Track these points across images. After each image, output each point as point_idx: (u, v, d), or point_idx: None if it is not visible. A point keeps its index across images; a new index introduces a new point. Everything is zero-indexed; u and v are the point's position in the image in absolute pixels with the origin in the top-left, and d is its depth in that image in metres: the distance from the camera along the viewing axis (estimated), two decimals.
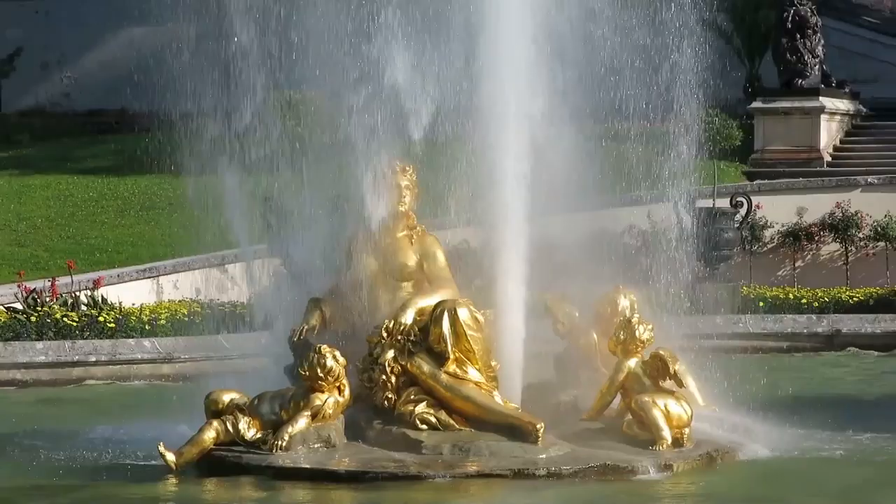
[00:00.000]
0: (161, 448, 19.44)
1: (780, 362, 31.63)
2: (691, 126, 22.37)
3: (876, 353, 33.35)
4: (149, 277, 36.51)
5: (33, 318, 31.06)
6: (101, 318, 31.43)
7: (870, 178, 43.62)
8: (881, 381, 29.42)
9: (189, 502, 18.79)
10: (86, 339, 30.88)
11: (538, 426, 19.50)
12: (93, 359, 30.31)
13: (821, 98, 47.13)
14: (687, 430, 20.20)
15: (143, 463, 20.04)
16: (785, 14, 46.94)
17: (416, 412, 19.66)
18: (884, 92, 51.31)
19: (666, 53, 22.09)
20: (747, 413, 21.84)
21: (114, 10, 57.51)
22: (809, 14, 47.40)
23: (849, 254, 41.27)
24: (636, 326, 20.37)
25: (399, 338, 19.79)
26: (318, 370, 19.40)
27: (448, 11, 20.85)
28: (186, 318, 31.87)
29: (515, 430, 19.61)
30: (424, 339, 19.72)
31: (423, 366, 19.70)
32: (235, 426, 19.65)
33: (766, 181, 43.46)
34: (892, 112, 50.56)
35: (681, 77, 22.15)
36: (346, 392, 19.66)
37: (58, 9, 58.70)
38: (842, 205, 41.45)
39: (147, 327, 31.47)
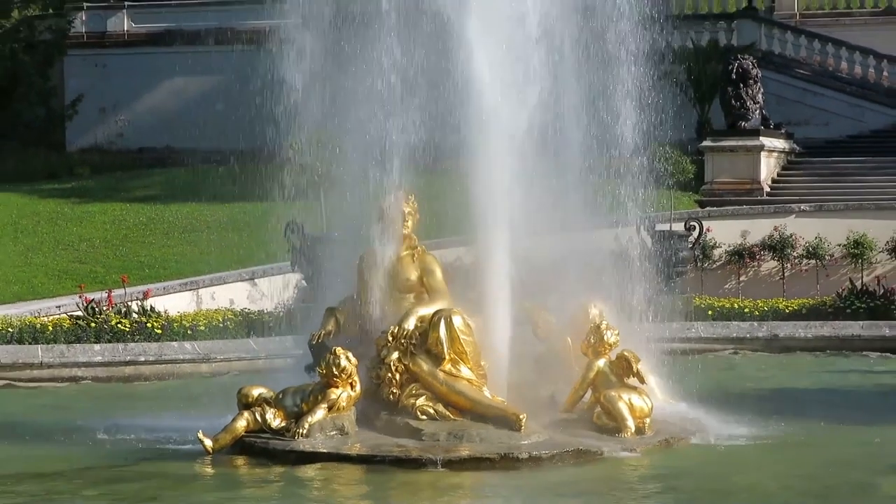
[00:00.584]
0: (200, 435, 19.57)
1: (727, 362, 31.61)
2: (652, 161, 22.32)
3: (808, 354, 33.28)
4: (190, 290, 36.42)
5: (92, 325, 30.99)
6: (149, 325, 31.38)
7: (802, 206, 43.59)
8: (812, 378, 29.38)
9: (223, 480, 18.74)
10: (136, 342, 30.84)
11: (521, 416, 19.58)
12: (142, 359, 30.26)
13: (761, 138, 47.11)
14: (648, 420, 20.38)
15: (184, 447, 19.98)
16: (730, 67, 46.97)
17: (417, 405, 19.71)
18: (813, 133, 51.32)
19: (631, 100, 22.02)
20: (698, 405, 21.86)
21: (160, 63, 57.48)
22: (751, 67, 47.39)
23: (785, 270, 41.20)
24: (604, 332, 20.48)
25: (402, 341, 19.83)
26: (334, 369, 19.46)
27: (441, 71, 20.88)
28: (221, 325, 31.81)
29: (502, 420, 19.67)
30: (424, 342, 19.76)
31: (423, 365, 19.72)
32: (263, 416, 19.73)
33: (714, 208, 43.43)
34: (821, 150, 50.59)
35: (643, 120, 22.09)
36: (358, 387, 19.67)
37: (113, 62, 58.55)
38: (779, 228, 41.42)
39: (188, 332, 31.40)
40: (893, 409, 25.40)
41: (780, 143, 48.47)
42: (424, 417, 19.66)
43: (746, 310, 36.08)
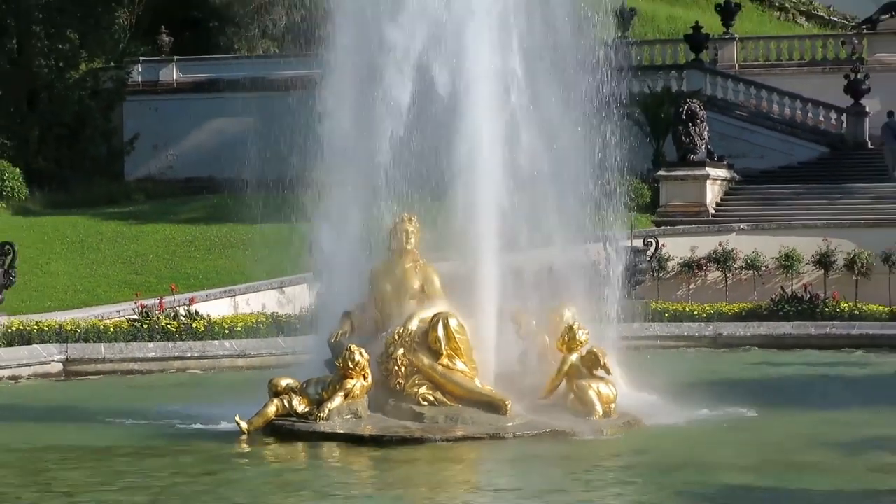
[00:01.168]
0: (237, 418, 19.70)
1: (679, 357, 31.56)
2: (616, 188, 22.31)
3: (747, 350, 33.33)
4: (228, 297, 36.45)
5: (146, 326, 31.00)
6: (194, 326, 31.39)
7: (742, 226, 43.67)
8: (751, 370, 29.40)
9: (256, 457, 18.85)
10: (183, 340, 30.83)
11: (507, 402, 19.70)
12: (188, 355, 30.29)
13: (706, 168, 47.12)
14: (613, 405, 20.44)
15: (225, 428, 19.99)
16: (681, 109, 46.97)
17: (419, 393, 19.78)
18: (751, 164, 51.33)
19: (600, 138, 22.03)
20: (656, 393, 21.84)
21: (203, 107, 57.52)
22: (698, 109, 47.39)
23: (727, 279, 41.24)
24: (576, 331, 20.50)
25: (407, 339, 19.86)
26: (349, 363, 19.54)
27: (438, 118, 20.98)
28: (255, 326, 31.81)
29: (490, 406, 19.77)
30: (425, 340, 19.79)
31: (424, 360, 19.75)
32: (290, 403, 19.80)
33: (668, 227, 43.45)
34: (757, 179, 50.63)
35: (609, 154, 22.09)
36: (369, 378, 19.74)
37: (164, 106, 58.59)
38: (722, 244, 41.47)
39: (227, 332, 31.39)
40: (821, 395, 25.31)
41: (722, 173, 48.50)
42: (425, 403, 19.74)
43: (695, 313, 36.09)
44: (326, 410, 19.54)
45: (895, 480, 16.86)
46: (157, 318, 31.66)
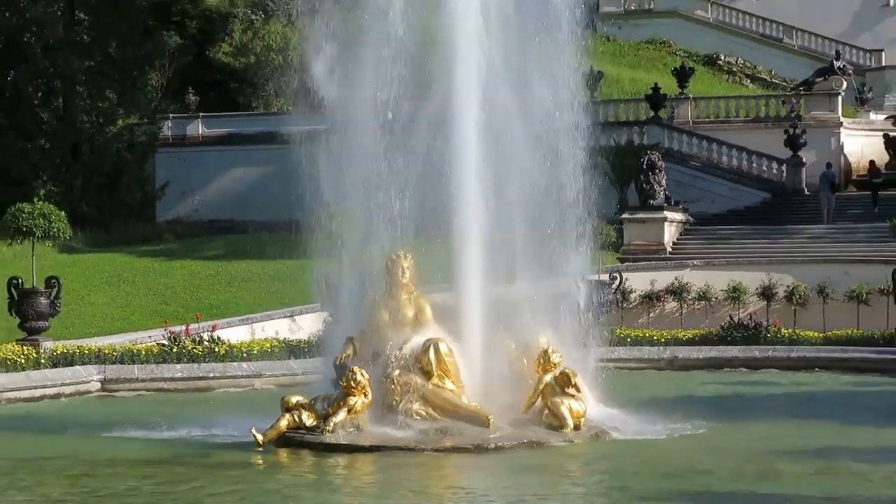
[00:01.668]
0: (253, 430, 19.63)
1: (641, 377, 31.48)
2: (585, 229, 22.32)
3: (700, 371, 33.26)
4: (246, 324, 36.38)
5: (174, 350, 30.92)
6: (216, 350, 31.31)
7: (695, 262, 43.65)
8: (704, 388, 29.35)
9: (270, 464, 18.78)
10: (207, 363, 30.75)
11: (490, 417, 19.68)
12: (211, 375, 30.17)
13: (664, 212, 47.15)
14: (583, 419, 20.42)
15: (241, 440, 19.95)
16: (642, 160, 47.03)
17: (413, 409, 19.74)
18: (703, 208, 51.37)
19: (570, 184, 22.02)
20: (620, 408, 21.84)
21: (225, 158, 57.55)
22: (657, 160, 47.43)
23: (682, 309, 41.25)
24: (550, 354, 20.49)
25: (402, 362, 19.91)
26: (352, 382, 19.52)
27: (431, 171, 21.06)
28: (269, 350, 31.74)
29: (475, 420, 19.73)
30: (418, 362, 19.83)
31: (417, 379, 19.76)
32: (300, 417, 19.77)
33: (631, 263, 43.46)
34: (709, 221, 50.67)
35: (579, 199, 22.09)
36: (369, 396, 19.70)
37: (190, 157, 58.54)
38: (678, 278, 41.52)
39: (245, 355, 31.31)
40: (765, 410, 25.44)
41: (678, 216, 48.55)
42: (418, 418, 19.69)
43: (654, 338, 36.10)
44: (332, 424, 19.53)
45: (830, 484, 16.90)
46: (184, 342, 31.60)
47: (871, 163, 54.09)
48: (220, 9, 70.09)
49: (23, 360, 29.04)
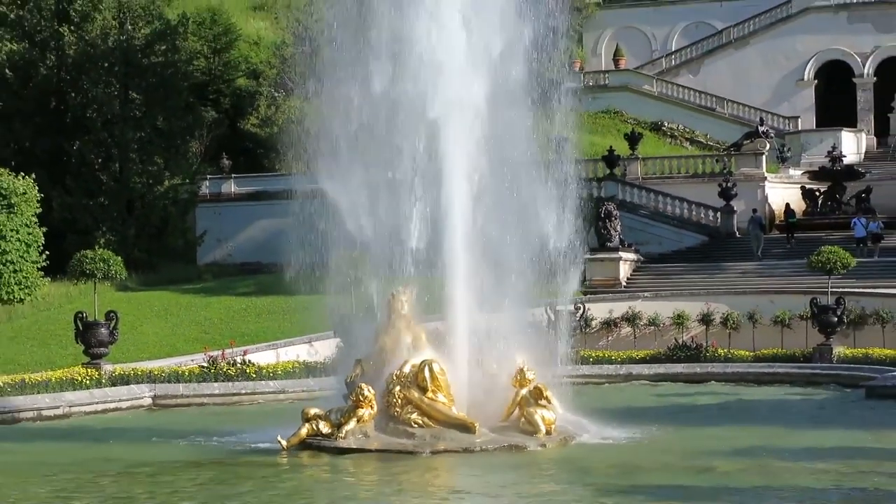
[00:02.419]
0: (279, 437, 19.68)
1: (601, 390, 31.38)
2: (557, 270, 22.30)
3: (650, 385, 33.22)
4: (272, 349, 36.34)
5: (212, 371, 30.94)
6: (247, 371, 31.29)
7: (646, 294, 43.73)
8: (655, 400, 29.30)
9: (293, 464, 18.81)
10: (239, 381, 30.73)
11: (476, 425, 19.67)
12: (243, 392, 30.17)
13: (619, 253, 47.20)
14: (553, 426, 20.34)
15: (268, 446, 19.93)
16: (600, 210, 47.10)
17: (412, 418, 19.71)
18: (652, 249, 51.30)
19: (546, 230, 22.03)
20: (584, 416, 21.76)
21: (254, 211, 57.57)
22: (613, 209, 47.59)
23: (635, 333, 41.21)
24: (526, 372, 20.48)
25: (402, 379, 19.82)
26: (360, 397, 19.59)
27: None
28: (292, 370, 31.67)
29: (464, 427, 19.70)
30: (415, 379, 19.75)
31: (415, 394, 19.70)
32: (317, 426, 19.79)
33: (592, 295, 43.34)
34: (656, 259, 50.68)
35: (548, 243, 22.07)
36: (375, 408, 19.75)
37: (225, 211, 58.48)
38: (631, 307, 41.53)
39: (271, 375, 31.27)
40: (707, 415, 25.43)
41: (631, 256, 48.61)
42: (416, 426, 19.65)
43: (612, 357, 36.03)
44: (344, 431, 19.57)
45: (759, 478, 16.91)
46: (220, 365, 31.58)
47: (787, 205, 54.38)
48: (249, 88, 70.25)
49: (87, 381, 29.06)
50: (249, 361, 32.39)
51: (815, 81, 73.54)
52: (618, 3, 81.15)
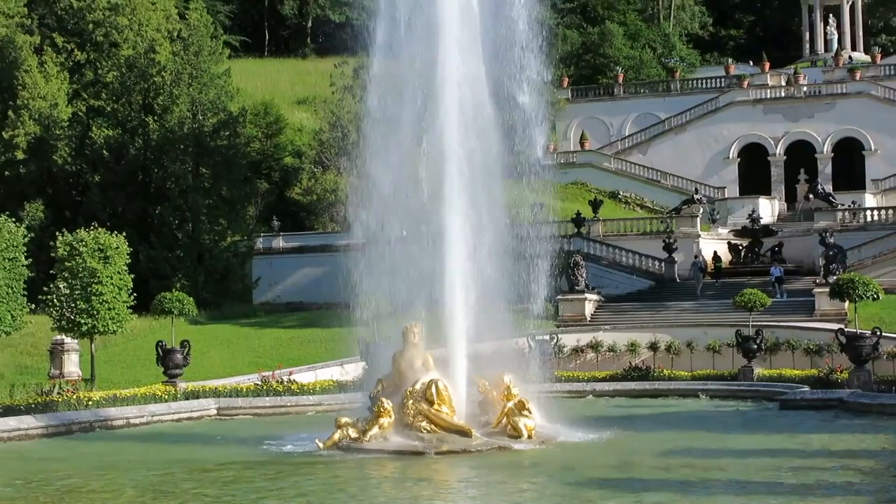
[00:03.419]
0: (316, 440, 19.72)
1: (572, 403, 31.14)
2: (531, 308, 22.32)
3: (611, 399, 33.08)
4: (311, 370, 36.23)
5: (264, 388, 30.97)
6: (292, 387, 31.35)
7: (605, 327, 43.58)
8: (616, 410, 29.10)
9: (328, 462, 18.70)
10: (285, 396, 30.71)
11: (472, 430, 19.74)
12: (289, 405, 30.13)
13: (585, 294, 47.05)
14: (534, 431, 20.32)
15: (304, 449, 19.91)
16: (569, 261, 46.99)
17: (422, 426, 19.74)
18: (610, 291, 51.00)
19: (526, 279, 22.08)
20: (559, 423, 21.66)
21: (298, 262, 57.62)
22: (580, 260, 47.55)
23: (598, 358, 41.02)
24: (511, 388, 20.47)
25: (414, 394, 19.88)
26: (381, 408, 19.71)
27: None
28: (327, 387, 31.65)
29: (462, 433, 19.72)
30: (424, 394, 19.80)
31: (424, 406, 19.74)
32: (347, 432, 19.82)
33: (564, 328, 43.16)
34: (614, 300, 50.35)
35: (529, 286, 22.12)
36: (393, 417, 19.78)
37: (275, 262, 58.41)
38: (595, 338, 41.35)
39: (311, 391, 31.30)
40: (655, 423, 25.29)
41: (594, 297, 48.47)
42: (425, 432, 19.66)
43: (580, 377, 35.94)
44: (368, 436, 19.60)
45: (694, 473, 16.87)
46: (271, 383, 31.58)
47: (715, 252, 54.60)
48: (294, 165, 70.49)
49: (166, 395, 29.11)
50: (294, 380, 32.40)
51: (738, 159, 73.67)
52: (583, 98, 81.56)
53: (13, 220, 37.33)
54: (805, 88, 74.22)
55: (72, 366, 39.07)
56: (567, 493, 15.59)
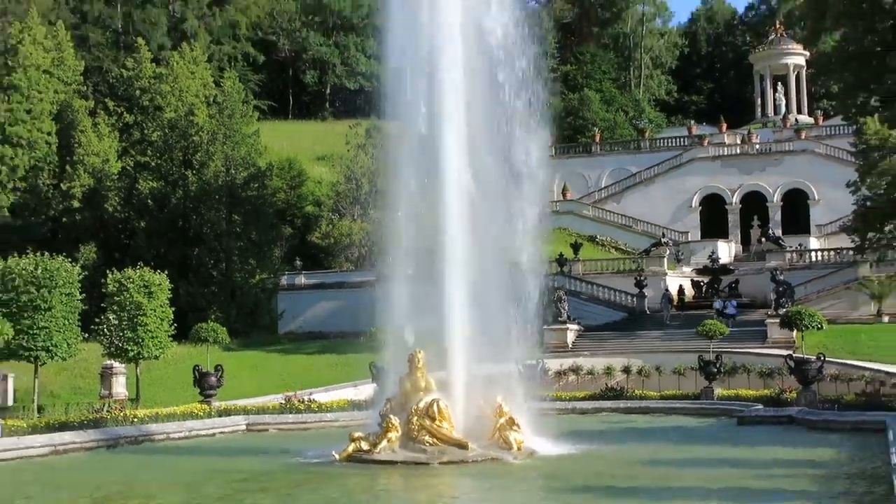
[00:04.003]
0: (333, 452, 19.54)
1: (555, 419, 30.71)
2: (522, 337, 22.19)
3: (591, 415, 32.91)
4: (327, 391, 36.11)
5: (288, 406, 30.82)
6: (312, 406, 31.16)
7: (585, 353, 43.55)
8: (598, 426, 28.87)
9: (343, 471, 18.58)
10: (306, 413, 30.54)
11: (469, 443, 19.56)
12: (310, 421, 29.93)
13: (567, 325, 46.80)
14: (523, 445, 20.15)
15: (323, 460, 19.81)
16: (554, 296, 46.56)
17: (425, 439, 19.58)
18: (589, 322, 50.68)
19: (517, 308, 21.97)
20: (545, 438, 21.35)
21: (318, 296, 57.45)
22: (563, 295, 47.44)
23: (579, 380, 40.97)
24: (503, 406, 20.34)
25: (419, 412, 19.72)
26: (390, 424, 19.52)
27: None
28: (342, 406, 31.43)
29: (460, 445, 19.57)
30: (427, 412, 19.65)
31: (427, 422, 19.61)
32: (360, 445, 19.59)
33: (549, 354, 42.61)
34: (593, 329, 50.16)
35: (517, 319, 22.04)
36: (399, 432, 19.58)
37: (297, 296, 58.12)
38: (576, 362, 41.41)
39: (328, 409, 31.08)
40: (628, 436, 25.12)
41: (575, 327, 48.28)
42: (428, 445, 19.51)
43: (563, 397, 35.79)
44: (378, 448, 19.41)
45: (668, 479, 16.81)
46: (294, 402, 31.45)
47: (680, 287, 54.64)
48: (314, 213, 70.51)
49: (202, 413, 29.01)
50: (313, 400, 32.27)
51: (700, 207, 73.85)
52: (565, 155, 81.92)
53: (70, 260, 37.42)
54: (757, 146, 74.64)
55: (119, 387, 39.03)
56: (552, 497, 15.58)
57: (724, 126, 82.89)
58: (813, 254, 56.36)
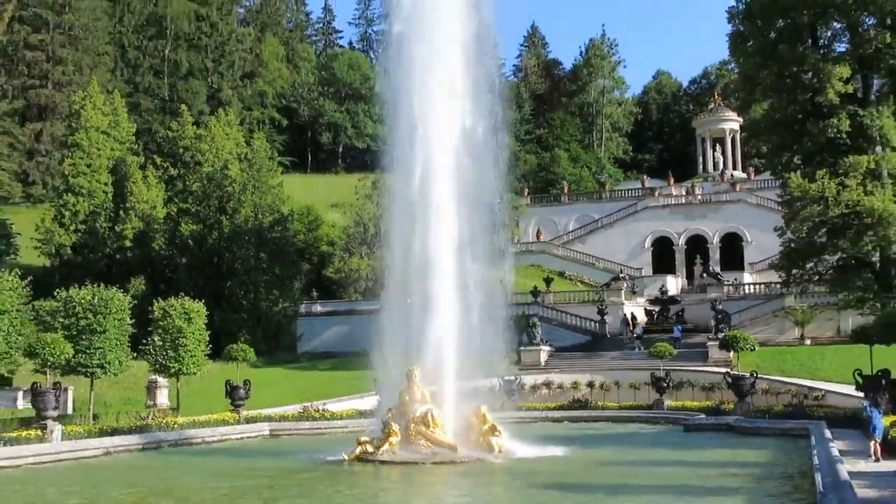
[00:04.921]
0: (343, 454, 19.52)
1: (531, 427, 30.75)
2: (501, 358, 22.15)
3: (560, 423, 32.67)
4: (339, 401, 35.81)
5: (305, 414, 30.55)
6: (325, 414, 30.95)
7: (555, 370, 43.28)
8: (569, 432, 28.70)
9: (352, 470, 18.47)
10: (320, 421, 30.32)
11: (457, 446, 19.56)
12: (323, 427, 29.74)
13: (540, 346, 46.56)
14: (503, 447, 20.11)
15: (337, 459, 19.68)
16: (528, 323, 46.72)
17: (421, 443, 19.63)
18: (560, 343, 50.58)
19: (497, 336, 21.94)
20: (522, 442, 21.33)
21: (332, 321, 57.21)
22: (536, 322, 47.35)
23: (550, 393, 40.74)
24: (486, 415, 20.33)
25: (416, 419, 19.73)
26: (390, 430, 19.48)
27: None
28: (351, 414, 31.25)
29: (451, 448, 19.58)
30: (423, 419, 19.68)
31: (422, 429, 19.62)
32: (365, 447, 19.58)
33: (525, 372, 42.73)
34: (563, 350, 49.90)
35: (498, 344, 21.92)
36: (399, 436, 19.53)
37: (314, 321, 57.99)
38: (548, 378, 41.17)
39: (339, 417, 30.88)
40: (592, 441, 24.89)
41: (547, 348, 48.02)
42: (423, 447, 19.50)
43: (537, 407, 35.45)
44: (381, 451, 19.38)
45: (627, 477, 16.72)
46: (310, 411, 31.24)
47: (632, 314, 54.63)
48: (328, 252, 70.43)
49: (232, 420, 28.82)
50: (327, 409, 32.07)
51: (651, 248, 74.14)
52: (538, 203, 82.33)
53: (122, 291, 37.33)
54: (700, 197, 75.21)
55: (162, 398, 38.80)
56: (529, 491, 15.51)
57: (672, 180, 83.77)
58: (747, 287, 56.52)
